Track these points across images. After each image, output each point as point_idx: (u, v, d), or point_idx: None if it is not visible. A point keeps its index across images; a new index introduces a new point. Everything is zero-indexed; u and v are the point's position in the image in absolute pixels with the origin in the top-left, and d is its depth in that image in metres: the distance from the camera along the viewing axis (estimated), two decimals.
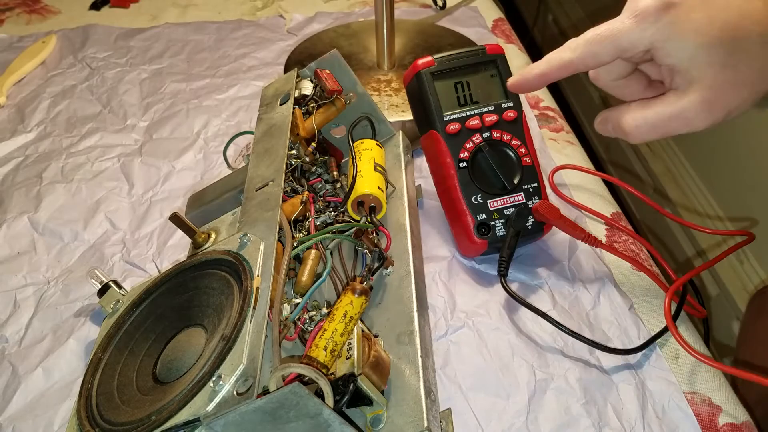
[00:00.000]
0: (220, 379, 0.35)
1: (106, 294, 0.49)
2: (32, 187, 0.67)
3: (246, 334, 0.37)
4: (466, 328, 0.51)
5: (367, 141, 0.55)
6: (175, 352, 0.41)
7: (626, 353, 0.49)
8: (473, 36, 0.89)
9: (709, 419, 0.47)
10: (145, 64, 0.88)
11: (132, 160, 0.71)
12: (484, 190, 0.55)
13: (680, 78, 0.41)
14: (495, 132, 0.56)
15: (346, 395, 0.37)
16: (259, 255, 0.41)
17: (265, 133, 0.52)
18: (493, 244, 0.54)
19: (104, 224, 0.63)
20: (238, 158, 0.70)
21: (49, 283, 0.57)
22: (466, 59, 0.57)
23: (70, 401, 0.48)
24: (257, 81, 0.84)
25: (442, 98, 0.56)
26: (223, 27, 0.96)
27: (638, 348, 0.49)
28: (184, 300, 0.44)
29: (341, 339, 0.40)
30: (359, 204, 0.51)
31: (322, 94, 0.56)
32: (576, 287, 0.55)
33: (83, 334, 0.52)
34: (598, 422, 0.45)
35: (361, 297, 0.42)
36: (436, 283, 0.55)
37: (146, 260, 0.59)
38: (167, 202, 0.66)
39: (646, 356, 0.49)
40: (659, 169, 1.49)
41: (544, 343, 0.50)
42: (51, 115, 0.79)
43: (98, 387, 0.42)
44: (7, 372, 0.50)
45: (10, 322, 0.54)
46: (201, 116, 0.77)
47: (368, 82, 0.77)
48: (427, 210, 0.62)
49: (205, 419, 0.34)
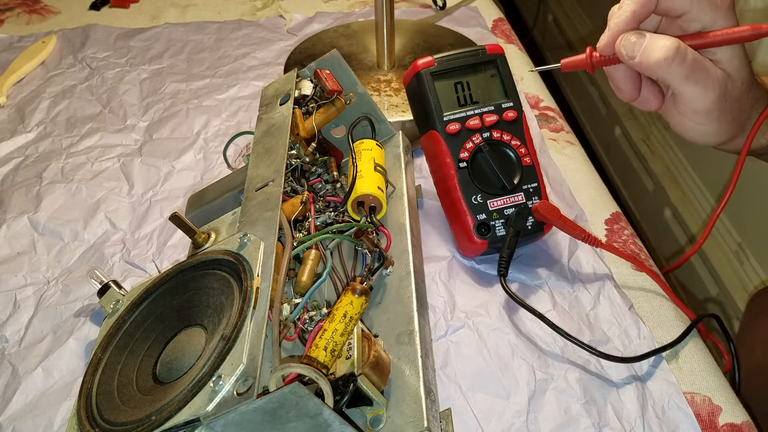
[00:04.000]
0: (220, 379, 0.35)
1: (106, 294, 0.49)
2: (32, 187, 0.67)
3: (246, 334, 0.37)
4: (466, 328, 0.51)
5: (367, 141, 0.55)
6: (175, 352, 0.41)
7: (626, 361, 0.48)
8: (473, 36, 0.89)
9: (708, 419, 0.47)
10: (145, 64, 0.88)
11: (132, 160, 0.71)
12: (484, 190, 0.55)
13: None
14: (495, 132, 0.56)
15: (346, 395, 0.37)
16: (259, 255, 0.41)
17: (265, 133, 0.52)
18: (493, 244, 0.54)
19: (104, 224, 0.63)
20: (238, 158, 0.70)
21: (49, 283, 0.57)
22: (466, 59, 0.57)
23: (70, 401, 0.48)
24: (257, 81, 0.84)
25: (442, 98, 0.56)
26: (223, 27, 0.96)
27: (639, 357, 0.48)
28: (184, 300, 0.44)
29: (341, 339, 0.40)
30: (359, 204, 0.51)
31: (322, 94, 0.56)
32: (576, 287, 0.55)
33: (83, 334, 0.52)
34: (598, 422, 0.45)
35: (361, 297, 0.42)
36: (436, 283, 0.55)
37: (146, 260, 0.59)
38: (167, 202, 0.66)
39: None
40: (659, 169, 1.49)
41: (544, 343, 0.50)
42: (51, 115, 0.79)
43: (98, 387, 0.42)
44: (7, 372, 0.50)
45: (10, 322, 0.54)
46: (201, 116, 0.77)
47: (368, 82, 0.77)
48: (427, 210, 0.62)
49: (205, 419, 0.34)
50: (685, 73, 0.44)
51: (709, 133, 0.49)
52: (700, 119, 0.48)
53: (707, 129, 0.48)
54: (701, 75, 0.45)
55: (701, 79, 0.45)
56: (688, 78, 0.45)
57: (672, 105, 0.49)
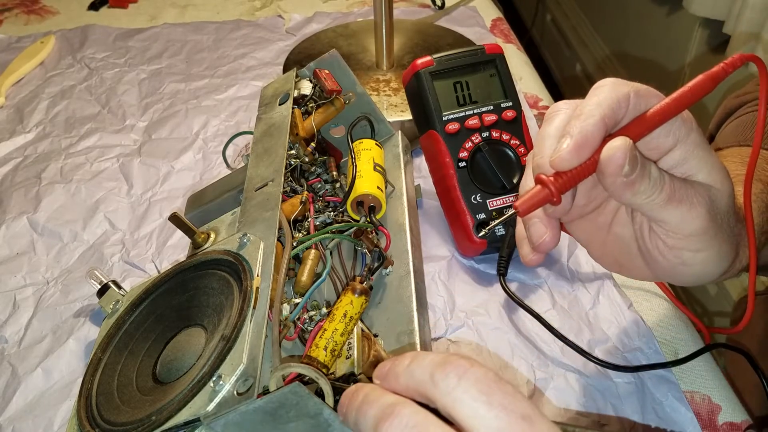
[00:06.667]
0: (221, 379, 0.35)
1: (105, 294, 0.49)
2: (31, 187, 0.67)
3: (246, 334, 0.37)
4: (465, 328, 0.51)
5: (367, 141, 0.55)
6: (175, 352, 0.41)
7: (629, 371, 0.48)
8: (472, 36, 0.89)
9: (708, 418, 0.47)
10: (144, 65, 0.88)
11: (131, 160, 0.71)
12: (483, 190, 0.55)
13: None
14: (494, 132, 0.56)
15: None
16: (258, 255, 0.41)
17: (265, 133, 0.52)
18: (493, 243, 0.54)
19: (103, 224, 0.63)
20: (237, 158, 0.70)
21: (49, 283, 0.57)
22: (465, 59, 0.57)
23: (70, 401, 0.48)
24: (256, 81, 0.84)
25: (441, 98, 0.56)
26: (222, 27, 0.96)
27: (641, 367, 0.48)
28: (184, 300, 0.44)
29: (341, 339, 0.40)
30: (359, 204, 0.51)
31: (321, 94, 0.56)
32: (575, 287, 0.55)
33: (83, 335, 0.52)
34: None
35: (361, 297, 0.42)
36: (435, 283, 0.55)
37: (146, 260, 0.59)
38: (166, 202, 0.66)
39: (646, 355, 0.49)
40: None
41: (543, 343, 0.50)
42: (50, 115, 0.78)
43: (98, 387, 0.42)
44: (7, 372, 0.50)
45: (10, 323, 0.54)
46: (200, 116, 0.77)
47: (367, 82, 0.77)
48: (427, 210, 0.62)
49: (206, 419, 0.34)
50: (666, 195, 0.36)
51: (711, 260, 0.39)
52: (697, 244, 0.38)
53: (708, 255, 0.39)
54: (681, 193, 0.37)
55: (684, 198, 0.37)
56: (671, 199, 0.36)
57: (657, 243, 0.39)
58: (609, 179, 0.35)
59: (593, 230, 0.43)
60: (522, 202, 0.36)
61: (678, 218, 0.37)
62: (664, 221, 0.37)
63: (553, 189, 0.36)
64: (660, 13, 1.54)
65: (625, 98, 0.36)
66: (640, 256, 0.41)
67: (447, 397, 0.27)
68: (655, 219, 0.38)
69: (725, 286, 1.23)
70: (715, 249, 0.39)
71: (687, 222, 0.37)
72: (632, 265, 0.42)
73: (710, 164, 0.38)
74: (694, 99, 0.37)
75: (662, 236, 0.39)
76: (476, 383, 0.27)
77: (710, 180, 0.38)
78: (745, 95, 0.64)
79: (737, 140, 0.59)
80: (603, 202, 0.41)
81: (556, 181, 0.36)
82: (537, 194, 0.36)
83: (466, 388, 0.27)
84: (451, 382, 0.27)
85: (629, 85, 0.37)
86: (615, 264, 0.44)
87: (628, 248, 0.42)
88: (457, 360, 0.28)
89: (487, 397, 0.26)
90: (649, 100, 0.36)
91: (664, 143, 0.37)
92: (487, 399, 0.26)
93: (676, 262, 0.39)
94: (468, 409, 0.26)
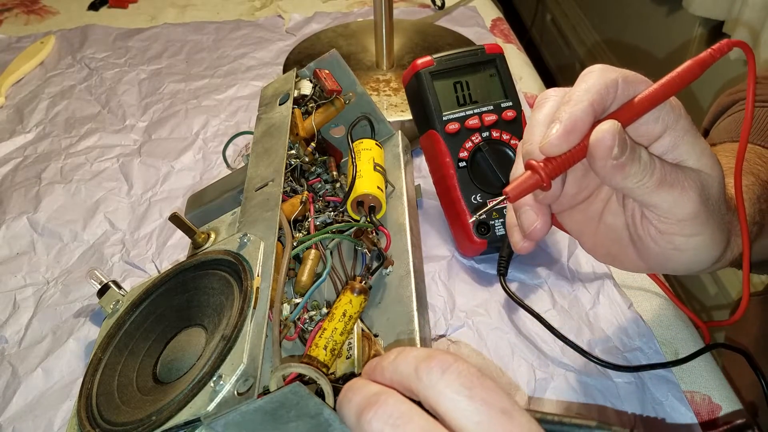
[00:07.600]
0: (221, 379, 0.35)
1: (105, 294, 0.49)
2: (31, 187, 0.67)
3: (246, 334, 0.37)
4: (465, 328, 0.51)
5: (367, 141, 0.55)
6: (176, 352, 0.41)
7: (629, 371, 0.48)
8: (472, 36, 0.89)
9: (708, 418, 0.47)
10: (144, 65, 0.88)
11: (131, 160, 0.71)
12: (483, 190, 0.55)
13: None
14: (494, 131, 0.56)
15: None
16: (259, 255, 0.41)
17: (265, 133, 0.52)
18: (493, 243, 0.54)
19: (103, 224, 0.63)
20: (237, 158, 0.70)
21: (49, 283, 0.57)
22: (465, 59, 0.57)
23: (70, 401, 0.48)
24: (256, 81, 0.84)
25: (442, 98, 0.56)
26: (222, 27, 0.96)
27: (641, 367, 0.48)
28: (184, 300, 0.44)
29: (341, 338, 0.40)
30: (359, 204, 0.51)
31: (321, 94, 0.56)
32: (575, 286, 0.55)
33: (83, 335, 0.52)
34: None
35: (360, 296, 0.42)
36: (435, 283, 0.55)
37: (146, 260, 0.59)
38: (166, 202, 0.66)
39: (646, 355, 0.49)
40: None
41: (543, 343, 0.50)
42: (50, 115, 0.78)
43: (98, 387, 0.42)
44: (7, 372, 0.50)
45: (10, 323, 0.54)
46: (200, 116, 0.77)
47: (367, 82, 0.77)
48: (427, 210, 0.62)
49: (206, 419, 0.34)
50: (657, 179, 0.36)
51: (703, 245, 0.39)
52: (689, 229, 0.38)
53: (700, 240, 0.39)
54: (672, 177, 0.37)
55: (676, 182, 0.37)
56: (662, 183, 0.36)
57: (649, 229, 0.39)
58: (599, 162, 0.35)
59: (585, 221, 0.43)
60: (512, 187, 0.36)
61: (670, 202, 0.37)
62: (656, 206, 0.37)
63: (543, 174, 0.36)
64: (660, 13, 1.54)
65: (613, 84, 0.36)
66: (632, 245, 0.41)
67: (430, 390, 0.28)
68: (647, 204, 0.38)
69: (724, 285, 1.23)
70: (708, 234, 0.39)
71: (679, 206, 0.37)
72: (624, 255, 0.42)
73: (700, 150, 0.38)
74: (683, 84, 0.37)
75: (654, 222, 0.39)
76: (459, 377, 0.27)
77: (700, 165, 0.38)
78: (739, 93, 0.64)
79: (730, 136, 0.60)
80: (594, 191, 0.42)
81: (546, 167, 0.36)
82: (527, 180, 0.36)
83: (448, 382, 0.27)
84: (435, 376, 0.28)
85: (617, 71, 0.37)
86: (607, 255, 0.44)
87: (619, 238, 0.42)
88: (441, 355, 0.28)
89: (468, 391, 0.27)
90: (637, 86, 0.37)
91: (654, 129, 0.37)
92: (469, 393, 0.27)
93: (669, 247, 0.39)
94: (450, 402, 0.27)
